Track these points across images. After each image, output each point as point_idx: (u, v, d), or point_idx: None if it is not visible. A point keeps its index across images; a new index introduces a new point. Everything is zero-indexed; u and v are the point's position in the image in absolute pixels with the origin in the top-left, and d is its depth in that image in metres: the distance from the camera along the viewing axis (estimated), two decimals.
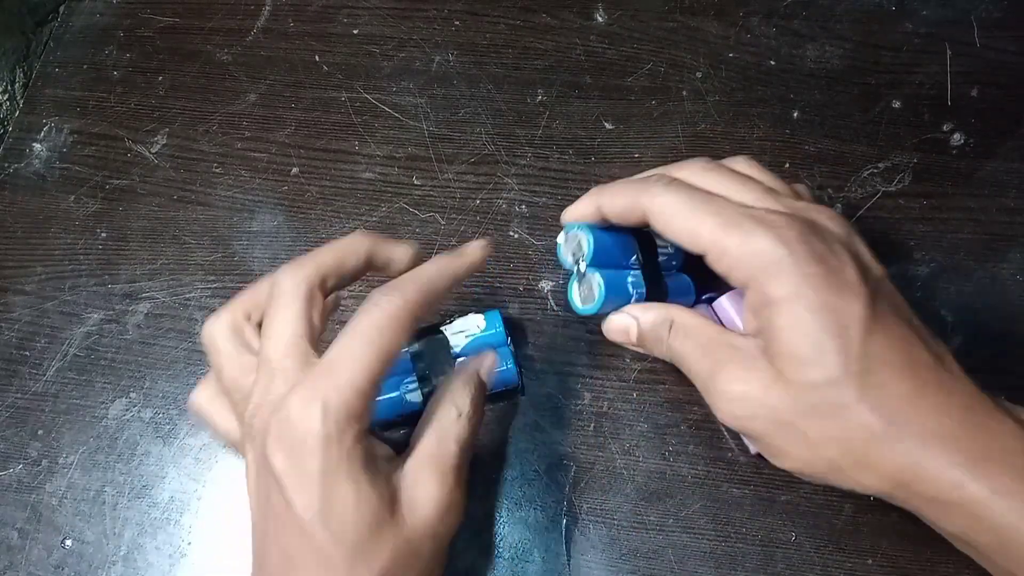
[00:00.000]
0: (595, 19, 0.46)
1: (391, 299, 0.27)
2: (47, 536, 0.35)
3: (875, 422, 0.25)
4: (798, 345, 0.26)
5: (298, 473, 0.25)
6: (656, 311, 0.30)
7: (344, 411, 0.25)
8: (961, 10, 0.45)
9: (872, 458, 0.25)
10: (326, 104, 0.45)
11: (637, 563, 0.33)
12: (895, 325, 0.26)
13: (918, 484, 0.25)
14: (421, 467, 0.27)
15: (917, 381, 0.25)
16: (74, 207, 0.43)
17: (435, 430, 0.28)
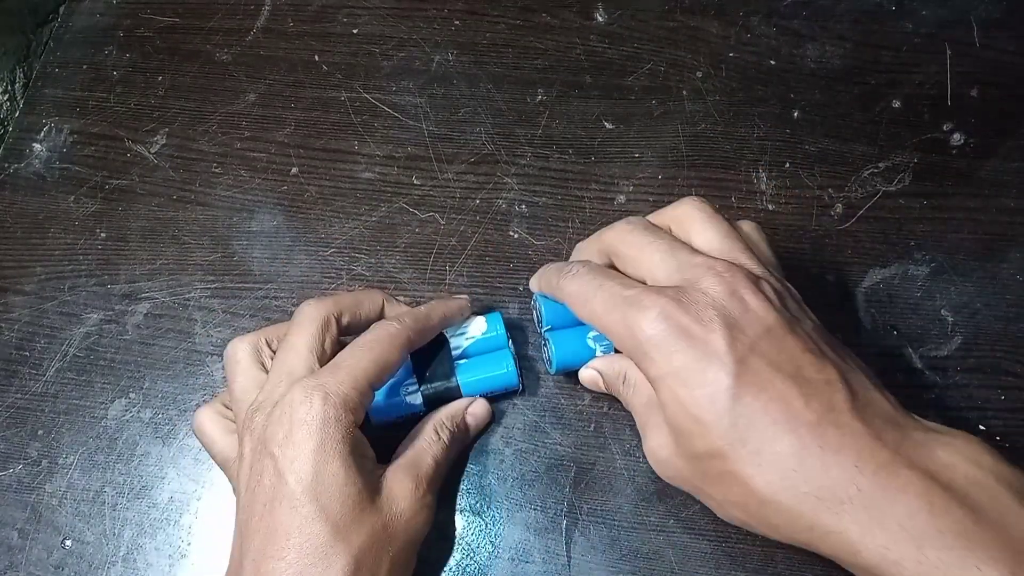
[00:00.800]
0: (595, 19, 0.46)
1: (390, 323, 0.32)
2: (47, 536, 0.35)
3: (762, 487, 0.26)
4: (677, 418, 0.27)
5: (294, 450, 0.27)
6: (614, 365, 0.33)
7: (342, 400, 0.28)
8: (961, 10, 0.45)
9: (773, 520, 0.26)
10: (326, 104, 0.45)
11: (637, 563, 0.33)
12: (770, 383, 0.26)
13: (822, 544, 0.26)
14: (401, 469, 0.31)
15: (798, 444, 0.25)
16: (74, 207, 0.43)
17: (417, 445, 0.32)
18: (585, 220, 0.40)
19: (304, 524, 0.27)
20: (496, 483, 0.35)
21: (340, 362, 0.30)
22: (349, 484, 0.28)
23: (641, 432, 0.31)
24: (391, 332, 0.31)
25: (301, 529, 0.27)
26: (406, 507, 0.30)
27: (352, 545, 0.27)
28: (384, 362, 0.30)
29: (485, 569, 0.33)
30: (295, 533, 0.27)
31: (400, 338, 0.31)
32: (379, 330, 0.31)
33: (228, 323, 0.39)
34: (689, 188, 0.41)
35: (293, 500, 0.27)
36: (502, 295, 0.39)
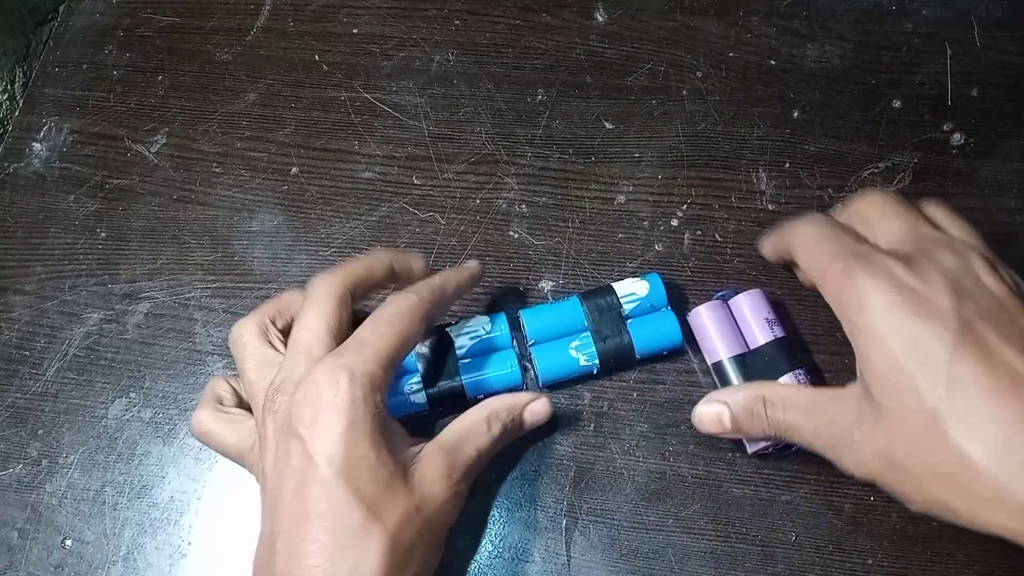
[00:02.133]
0: (595, 18, 0.46)
1: (408, 296, 0.31)
2: (47, 536, 0.35)
3: (974, 454, 0.24)
4: (886, 370, 0.26)
5: (323, 431, 0.27)
6: (744, 392, 0.31)
7: (368, 379, 0.28)
8: (961, 10, 0.45)
9: (984, 495, 0.24)
10: (326, 104, 0.45)
11: (637, 563, 0.33)
12: (998, 349, 0.25)
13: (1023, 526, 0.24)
14: (439, 452, 0.30)
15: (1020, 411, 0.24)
16: (74, 207, 0.43)
17: (463, 430, 0.31)
18: (585, 220, 0.40)
19: (338, 507, 0.26)
20: (496, 482, 0.35)
21: (363, 339, 0.29)
22: (381, 465, 0.27)
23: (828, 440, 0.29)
24: (411, 305, 0.30)
25: (335, 512, 0.26)
26: (439, 491, 0.29)
27: (387, 526, 0.27)
28: (406, 336, 0.30)
29: (485, 568, 0.33)
30: (328, 515, 0.26)
31: (420, 311, 0.31)
32: (399, 304, 0.30)
33: (228, 323, 0.39)
34: (689, 188, 0.41)
35: (325, 483, 0.27)
36: (502, 295, 0.39)
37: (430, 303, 0.31)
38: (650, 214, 0.40)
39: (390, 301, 0.31)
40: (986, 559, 0.33)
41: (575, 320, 0.36)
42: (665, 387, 0.36)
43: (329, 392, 0.27)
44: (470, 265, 0.35)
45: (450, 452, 0.30)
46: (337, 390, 0.27)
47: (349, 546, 0.26)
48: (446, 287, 0.33)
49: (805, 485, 0.34)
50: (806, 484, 0.34)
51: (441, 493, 0.29)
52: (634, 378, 0.37)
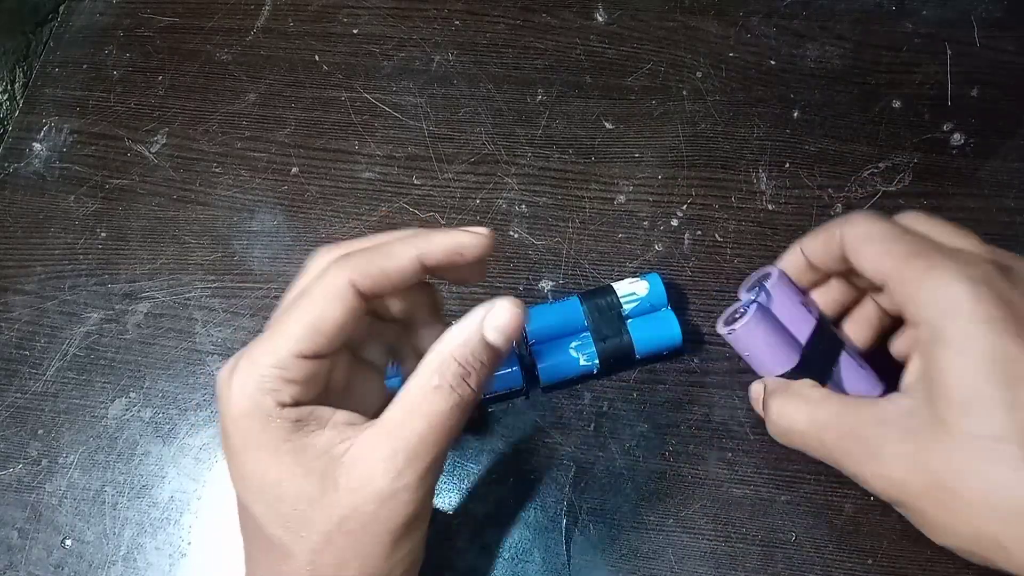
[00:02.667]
0: (595, 19, 0.46)
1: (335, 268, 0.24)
2: (47, 536, 0.35)
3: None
4: (964, 391, 0.23)
5: (226, 451, 0.24)
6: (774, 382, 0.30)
7: (258, 385, 0.23)
8: (961, 10, 0.45)
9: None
10: (326, 104, 0.45)
11: (637, 563, 0.33)
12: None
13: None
14: (377, 435, 0.23)
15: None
16: (74, 207, 0.43)
17: (408, 397, 0.24)
18: (585, 220, 0.40)
19: (257, 530, 0.24)
20: (496, 483, 0.35)
21: (262, 335, 0.24)
22: (287, 478, 0.23)
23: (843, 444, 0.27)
24: (326, 283, 0.24)
25: (255, 535, 0.24)
26: (371, 493, 0.23)
27: (305, 548, 0.23)
28: (315, 325, 0.24)
29: (485, 568, 0.33)
30: (252, 539, 0.25)
31: (339, 287, 0.24)
32: (312, 283, 0.25)
33: (228, 322, 0.39)
34: (689, 188, 0.41)
35: (242, 506, 0.24)
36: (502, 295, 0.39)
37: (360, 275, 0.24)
38: (650, 214, 0.40)
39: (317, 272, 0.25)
40: None
41: (575, 320, 0.36)
42: (665, 387, 0.36)
43: (223, 404, 0.24)
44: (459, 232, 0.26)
45: (388, 435, 0.23)
46: (228, 402, 0.24)
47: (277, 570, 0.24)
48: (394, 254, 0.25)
49: (805, 485, 0.34)
50: (806, 484, 0.34)
51: (377, 492, 0.23)
52: (634, 378, 0.37)
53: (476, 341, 0.24)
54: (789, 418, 0.29)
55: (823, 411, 0.28)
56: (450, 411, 0.23)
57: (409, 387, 0.24)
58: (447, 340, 0.24)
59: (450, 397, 0.23)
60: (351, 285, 0.24)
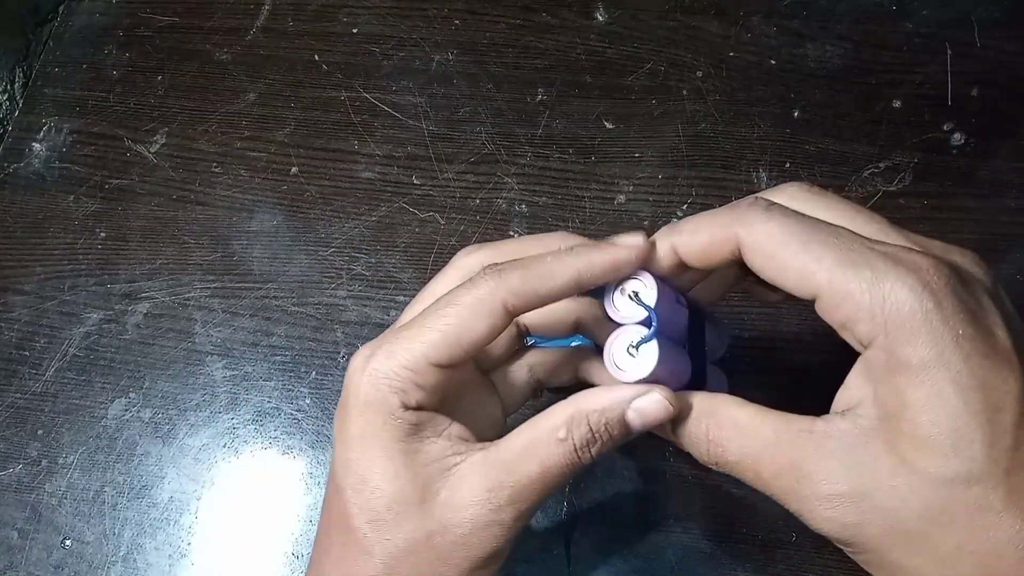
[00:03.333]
0: (595, 18, 0.46)
1: (481, 281, 0.23)
2: (47, 536, 0.35)
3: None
4: (936, 428, 0.20)
5: (340, 433, 0.24)
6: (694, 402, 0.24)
7: (388, 381, 0.23)
8: (961, 10, 0.45)
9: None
10: (325, 103, 0.45)
11: (637, 563, 0.33)
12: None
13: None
14: (483, 465, 0.23)
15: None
16: (73, 207, 0.43)
17: (528, 438, 0.23)
18: (585, 220, 0.40)
19: (342, 518, 0.24)
20: None
21: (409, 327, 0.24)
22: (388, 479, 0.23)
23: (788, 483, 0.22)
24: (477, 296, 0.23)
25: (340, 523, 0.24)
26: (471, 515, 0.22)
27: (384, 551, 0.23)
28: (456, 337, 0.23)
29: None
30: (335, 525, 0.24)
31: (489, 304, 0.23)
32: (468, 292, 0.23)
33: (228, 323, 0.39)
34: (689, 188, 0.41)
35: (337, 489, 0.24)
36: None
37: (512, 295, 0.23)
38: (650, 214, 0.40)
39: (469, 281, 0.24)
40: None
41: None
42: None
43: (351, 390, 0.24)
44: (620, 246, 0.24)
45: (500, 467, 0.23)
46: (356, 390, 0.23)
47: (353, 561, 0.24)
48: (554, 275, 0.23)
49: None
50: None
51: (473, 519, 0.22)
52: None
53: (616, 415, 0.23)
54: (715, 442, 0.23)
55: (754, 441, 0.22)
56: (564, 467, 0.23)
57: (536, 426, 0.23)
58: (587, 398, 0.23)
59: (570, 456, 0.23)
60: (503, 305, 0.23)
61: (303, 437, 0.37)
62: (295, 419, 0.37)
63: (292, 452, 0.36)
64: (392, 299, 0.39)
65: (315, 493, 0.36)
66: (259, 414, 0.37)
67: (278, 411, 0.37)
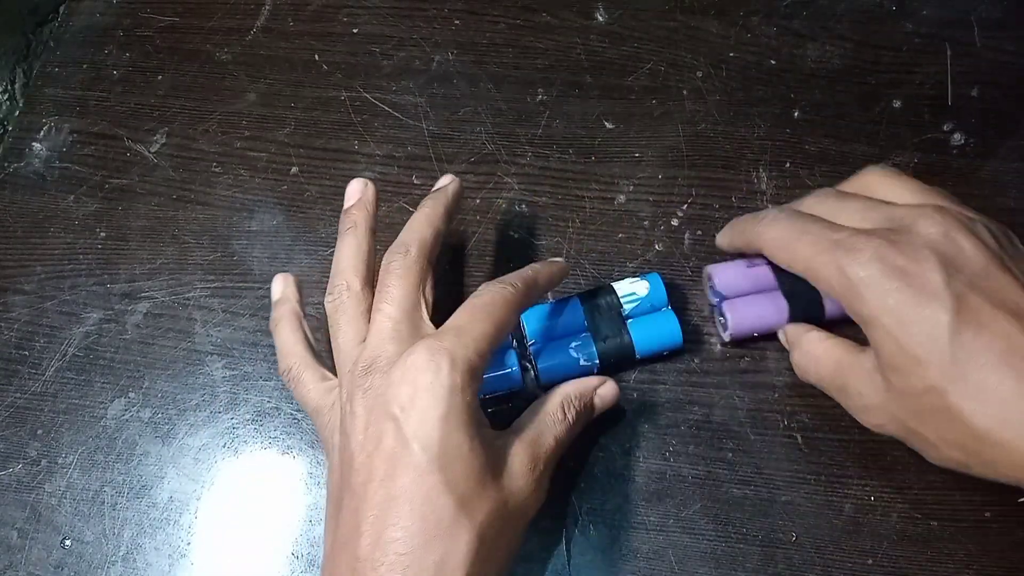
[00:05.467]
0: (595, 18, 0.46)
1: (504, 286, 0.30)
2: (46, 536, 0.35)
3: (983, 424, 0.26)
4: (894, 357, 0.27)
5: (420, 416, 0.26)
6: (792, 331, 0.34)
7: (467, 367, 0.27)
8: (961, 10, 0.45)
9: (991, 457, 0.27)
10: (326, 103, 0.45)
11: (637, 564, 0.33)
12: (992, 320, 0.26)
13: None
14: (521, 444, 0.29)
15: (1019, 376, 0.26)
16: (73, 207, 0.43)
17: (540, 421, 0.31)
18: (585, 220, 0.40)
19: (430, 495, 0.26)
20: None
21: (462, 325, 0.28)
22: (474, 456, 0.27)
23: (839, 394, 0.32)
24: (507, 297, 0.30)
25: (427, 499, 0.26)
26: (524, 484, 0.29)
27: (476, 520, 0.26)
28: (502, 327, 0.29)
29: None
30: (420, 502, 0.26)
31: (515, 303, 0.30)
32: (496, 293, 0.30)
33: (228, 323, 0.39)
34: (689, 188, 0.41)
35: (419, 469, 0.26)
36: None
37: (524, 295, 0.31)
38: (650, 214, 0.40)
39: (484, 290, 0.30)
40: (985, 559, 0.32)
41: (575, 320, 0.36)
42: (665, 387, 0.36)
43: (428, 376, 0.26)
44: (558, 261, 0.35)
45: (531, 444, 0.30)
46: (437, 375, 0.26)
47: (438, 536, 0.26)
48: (538, 279, 0.32)
49: (805, 485, 0.34)
50: (806, 484, 0.34)
51: (526, 486, 0.29)
52: (634, 378, 0.37)
53: (589, 398, 0.33)
54: (801, 367, 0.34)
55: (823, 365, 0.32)
56: (567, 437, 0.31)
57: (539, 412, 0.31)
58: (572, 385, 0.33)
59: (569, 427, 0.31)
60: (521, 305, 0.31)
61: (303, 437, 0.37)
62: (295, 419, 0.37)
63: (292, 452, 0.36)
64: None
65: (315, 493, 0.36)
66: (259, 414, 0.37)
67: (278, 411, 0.37)
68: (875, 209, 0.31)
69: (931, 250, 0.27)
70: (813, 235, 0.30)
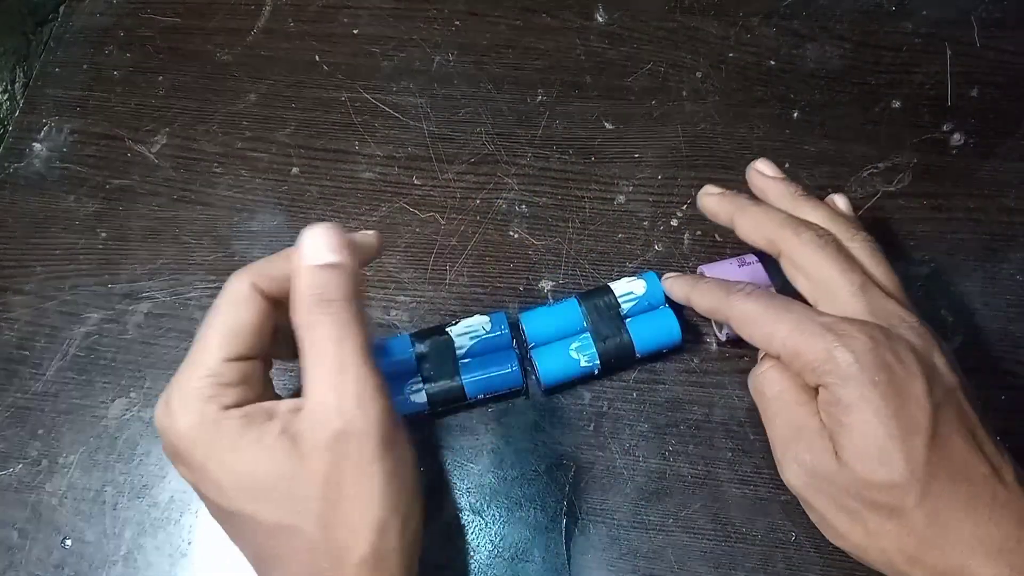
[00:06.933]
0: (595, 19, 0.46)
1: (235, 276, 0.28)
2: (47, 536, 0.35)
3: (929, 527, 0.26)
4: (866, 446, 0.27)
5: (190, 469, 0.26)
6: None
7: (196, 396, 0.25)
8: (961, 10, 0.45)
9: (922, 557, 0.27)
10: (326, 104, 0.45)
11: (637, 563, 0.33)
12: (957, 438, 0.27)
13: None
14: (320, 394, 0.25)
15: (971, 492, 0.26)
16: (74, 207, 0.43)
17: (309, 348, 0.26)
18: (585, 220, 0.40)
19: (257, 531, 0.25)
20: (496, 482, 0.35)
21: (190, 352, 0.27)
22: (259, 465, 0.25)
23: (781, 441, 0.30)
24: (228, 292, 0.27)
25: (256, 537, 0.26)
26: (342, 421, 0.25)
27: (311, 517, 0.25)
28: (230, 328, 0.26)
29: (485, 568, 0.33)
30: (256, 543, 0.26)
31: (237, 292, 0.27)
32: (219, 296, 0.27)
33: None
34: (689, 188, 0.41)
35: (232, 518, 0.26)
36: (502, 295, 0.39)
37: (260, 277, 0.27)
38: (650, 214, 0.40)
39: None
40: None
41: (574, 321, 0.36)
42: (665, 387, 0.36)
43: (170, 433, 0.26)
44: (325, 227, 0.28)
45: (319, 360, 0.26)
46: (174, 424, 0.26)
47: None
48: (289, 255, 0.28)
49: None
50: None
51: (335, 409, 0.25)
52: (634, 378, 0.37)
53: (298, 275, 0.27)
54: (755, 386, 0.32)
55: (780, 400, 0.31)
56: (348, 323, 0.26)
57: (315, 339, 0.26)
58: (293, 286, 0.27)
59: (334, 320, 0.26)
60: (253, 288, 0.27)
61: None
62: None
63: None
64: (392, 299, 0.39)
65: None
66: None
67: None
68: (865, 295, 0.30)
69: (916, 357, 0.28)
70: (798, 316, 0.29)
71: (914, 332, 0.29)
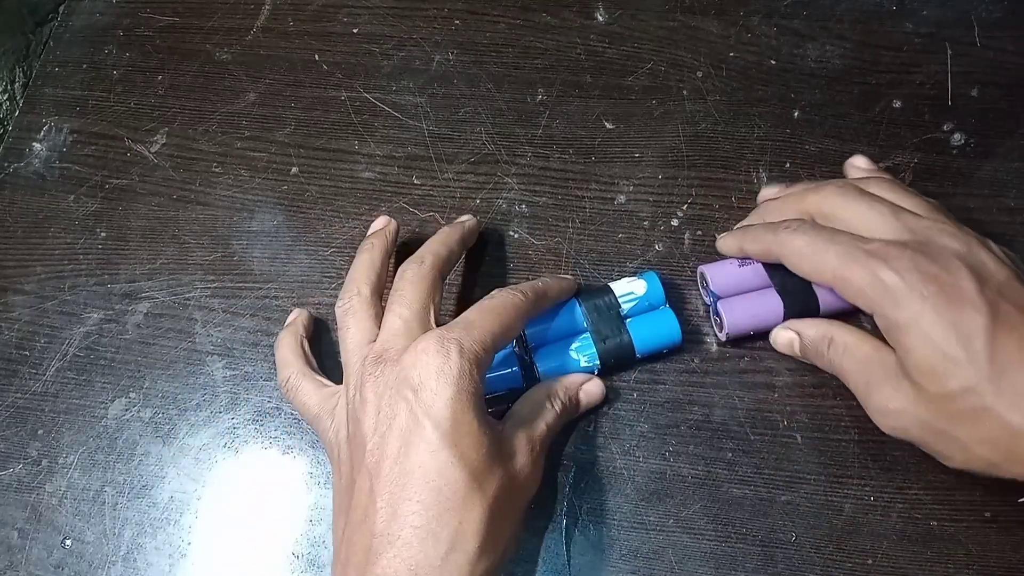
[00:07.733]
0: (595, 18, 0.46)
1: (515, 292, 0.32)
2: (47, 536, 0.35)
3: (1016, 420, 0.27)
4: (929, 360, 0.28)
5: (431, 395, 0.28)
6: (817, 328, 0.34)
7: (474, 356, 0.29)
8: (961, 10, 0.45)
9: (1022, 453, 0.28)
10: (326, 103, 0.45)
11: (637, 563, 0.33)
12: (1021, 327, 0.28)
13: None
14: (518, 428, 0.31)
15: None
16: (74, 207, 0.43)
17: (531, 408, 0.33)
18: (585, 220, 0.40)
19: (444, 469, 0.27)
20: None
21: (471, 321, 0.30)
22: (482, 435, 0.28)
23: (862, 390, 0.32)
24: (516, 303, 0.32)
25: (441, 473, 0.27)
26: (525, 463, 0.30)
27: (487, 494, 0.28)
28: (509, 329, 0.31)
29: None
30: (434, 477, 0.27)
31: (523, 309, 0.32)
32: (506, 298, 0.32)
33: (228, 323, 0.39)
34: (689, 188, 0.41)
35: (431, 444, 0.27)
36: None
37: (532, 303, 0.33)
38: (650, 214, 0.40)
39: (496, 294, 0.32)
40: (986, 559, 0.33)
41: (574, 322, 0.36)
42: (665, 387, 0.36)
43: (439, 359, 0.28)
44: (567, 278, 0.37)
45: (527, 428, 0.31)
46: (447, 359, 0.28)
47: (452, 509, 0.27)
48: (548, 293, 0.34)
49: (805, 485, 0.34)
50: (806, 484, 0.34)
51: (526, 466, 0.30)
52: (634, 378, 0.37)
53: (575, 391, 0.34)
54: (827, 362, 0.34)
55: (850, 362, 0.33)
56: (557, 423, 0.33)
57: (531, 400, 0.33)
58: (560, 378, 0.34)
59: (557, 416, 0.33)
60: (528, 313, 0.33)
61: (303, 437, 0.37)
62: (295, 419, 0.37)
63: (292, 452, 0.36)
64: None
65: (315, 493, 0.36)
66: (259, 414, 0.37)
67: (278, 411, 0.37)
68: (897, 218, 0.31)
69: (961, 262, 0.29)
70: (842, 245, 0.31)
71: (954, 238, 0.30)
